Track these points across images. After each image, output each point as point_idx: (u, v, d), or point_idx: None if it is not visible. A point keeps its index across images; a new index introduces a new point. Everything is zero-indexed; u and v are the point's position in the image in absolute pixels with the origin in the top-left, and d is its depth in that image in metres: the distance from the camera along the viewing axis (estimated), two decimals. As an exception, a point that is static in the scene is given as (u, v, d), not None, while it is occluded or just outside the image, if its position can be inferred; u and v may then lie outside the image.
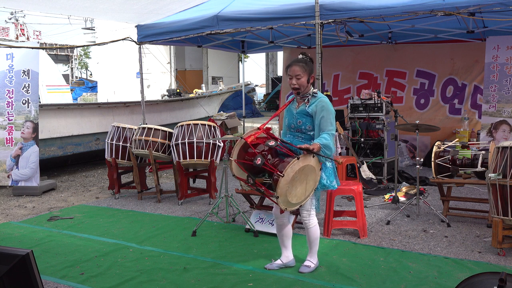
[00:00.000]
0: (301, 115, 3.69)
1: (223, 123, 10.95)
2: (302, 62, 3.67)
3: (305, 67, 3.65)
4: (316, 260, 3.86)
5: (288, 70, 3.69)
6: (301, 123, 3.69)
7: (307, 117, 3.67)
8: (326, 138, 3.52)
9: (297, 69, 3.64)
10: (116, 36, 9.04)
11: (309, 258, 3.85)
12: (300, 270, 3.79)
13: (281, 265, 3.89)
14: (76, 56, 39.90)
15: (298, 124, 3.70)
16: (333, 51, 9.51)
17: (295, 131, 3.74)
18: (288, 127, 3.80)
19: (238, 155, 3.53)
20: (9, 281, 1.86)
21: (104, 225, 5.36)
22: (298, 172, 3.39)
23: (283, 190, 3.35)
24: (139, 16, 7.55)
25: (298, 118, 3.71)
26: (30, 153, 7.12)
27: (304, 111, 3.68)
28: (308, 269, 3.79)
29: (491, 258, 4.01)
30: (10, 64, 7.21)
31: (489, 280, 2.04)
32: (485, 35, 7.76)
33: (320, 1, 5.97)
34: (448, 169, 5.06)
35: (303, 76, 3.64)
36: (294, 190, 3.43)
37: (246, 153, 3.54)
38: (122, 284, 3.66)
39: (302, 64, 3.66)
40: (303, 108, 3.69)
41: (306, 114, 3.67)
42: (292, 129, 3.76)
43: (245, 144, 3.52)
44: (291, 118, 3.77)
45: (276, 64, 28.84)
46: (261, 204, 5.15)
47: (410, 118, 8.13)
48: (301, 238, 4.65)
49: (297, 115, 3.72)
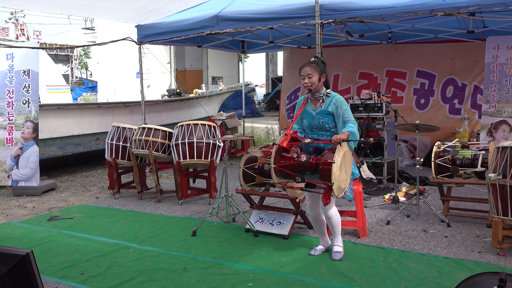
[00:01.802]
0: (322, 115, 3.96)
1: (223, 123, 10.94)
2: (312, 63, 4.00)
3: (315, 67, 3.94)
4: (341, 242, 4.14)
5: (300, 71, 3.98)
6: (324, 123, 3.96)
7: (328, 116, 3.95)
8: (351, 126, 3.83)
9: (308, 69, 3.94)
10: (116, 36, 9.05)
11: (337, 243, 4.11)
12: (334, 257, 4.04)
13: (323, 250, 4.22)
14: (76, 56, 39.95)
15: (321, 124, 3.97)
16: (333, 51, 9.51)
17: (319, 130, 4.00)
18: (310, 128, 4.03)
19: (275, 161, 3.75)
20: (9, 281, 1.86)
21: (104, 225, 5.36)
22: (342, 157, 3.68)
23: (336, 176, 3.59)
24: (139, 15, 7.55)
25: (320, 118, 3.97)
26: (30, 153, 7.12)
27: (324, 111, 3.95)
28: (340, 254, 4.06)
29: (491, 258, 4.01)
30: (10, 64, 7.22)
31: (489, 280, 2.04)
32: (485, 35, 7.76)
33: (320, 1, 5.97)
34: (448, 169, 5.06)
35: (314, 75, 3.92)
36: (342, 176, 3.72)
37: (282, 158, 3.79)
38: (122, 284, 3.66)
39: (312, 64, 3.97)
40: (323, 109, 3.96)
41: (326, 113, 3.95)
42: (315, 129, 4.01)
43: (279, 150, 3.78)
44: (311, 119, 4.01)
45: (276, 64, 28.83)
46: (261, 204, 5.15)
47: (410, 118, 8.13)
48: (301, 238, 4.66)
49: (318, 116, 3.97)
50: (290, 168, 3.74)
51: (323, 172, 3.64)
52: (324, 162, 3.63)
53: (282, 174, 3.79)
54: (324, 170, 3.62)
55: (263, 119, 18.53)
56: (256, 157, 4.90)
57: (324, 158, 3.67)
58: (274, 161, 3.74)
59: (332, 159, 3.58)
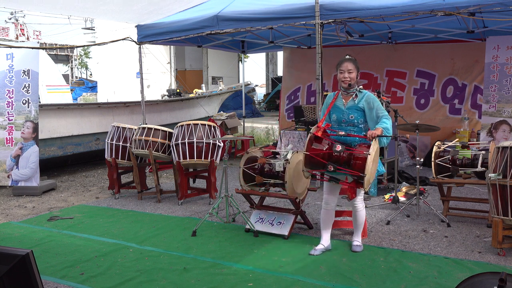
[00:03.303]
0: (353, 110, 4.05)
1: (223, 123, 10.94)
2: (353, 60, 4.08)
3: (356, 64, 4.07)
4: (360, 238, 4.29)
5: (341, 65, 4.07)
6: (354, 117, 4.04)
7: (358, 111, 4.03)
8: (385, 122, 3.92)
9: (350, 64, 4.04)
10: (116, 36, 9.04)
11: (357, 238, 4.26)
12: (354, 249, 4.19)
13: (323, 249, 4.22)
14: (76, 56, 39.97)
15: (351, 119, 4.05)
16: (333, 51, 9.49)
17: (347, 125, 4.07)
18: (338, 122, 4.11)
19: (308, 150, 3.86)
20: (9, 281, 1.86)
21: (104, 225, 5.36)
22: (376, 152, 3.80)
23: (369, 168, 3.69)
24: (139, 16, 7.55)
25: (349, 113, 4.05)
26: (30, 153, 7.12)
27: (355, 106, 4.04)
28: (360, 248, 4.21)
29: (491, 258, 4.01)
30: (10, 64, 7.22)
31: (489, 280, 2.04)
32: (485, 35, 7.75)
33: (320, 1, 5.97)
34: (448, 169, 5.06)
35: (354, 71, 4.04)
36: (372, 170, 3.82)
37: (314, 149, 3.88)
38: (122, 284, 3.66)
39: (353, 61, 4.08)
40: (353, 104, 4.05)
41: (357, 109, 4.03)
42: (344, 123, 4.09)
43: (312, 139, 3.88)
44: (340, 113, 4.10)
45: (276, 64, 28.84)
46: (261, 204, 5.15)
47: (410, 118, 8.13)
48: (301, 237, 4.66)
49: (348, 111, 4.06)
50: (323, 156, 3.83)
51: (357, 164, 3.76)
52: (359, 154, 3.76)
53: (311, 163, 3.87)
54: (359, 162, 3.74)
55: (263, 119, 18.54)
56: (256, 157, 4.90)
57: (360, 150, 3.79)
58: (307, 149, 3.84)
59: (368, 151, 3.71)
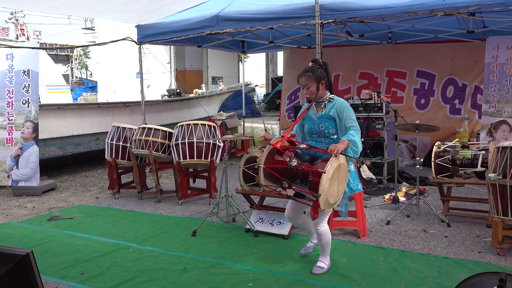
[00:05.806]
0: (323, 119, 3.76)
1: (223, 123, 10.94)
2: (308, 72, 3.76)
3: (311, 76, 3.73)
4: (329, 261, 3.84)
5: (298, 81, 3.84)
6: (324, 128, 3.75)
7: (329, 121, 3.74)
8: (353, 134, 3.57)
9: (303, 79, 3.77)
10: (116, 36, 9.05)
11: (322, 259, 3.82)
12: (313, 271, 3.76)
13: (314, 246, 4.16)
14: (76, 56, 39.96)
15: (321, 129, 3.76)
16: (333, 51, 9.51)
17: (318, 137, 3.80)
18: (309, 133, 3.85)
19: (266, 162, 3.49)
20: (9, 281, 1.86)
21: (104, 225, 5.36)
22: (336, 169, 3.39)
23: (325, 188, 3.31)
24: (139, 16, 7.55)
25: (320, 123, 3.76)
26: (30, 153, 7.12)
27: (326, 116, 3.75)
28: (321, 270, 3.77)
29: (491, 258, 4.01)
30: (10, 64, 7.21)
31: (489, 280, 2.04)
32: (485, 35, 7.76)
33: (320, 1, 5.97)
34: (448, 169, 5.06)
35: (311, 84, 3.73)
36: (331, 189, 3.41)
37: (274, 160, 3.53)
38: (122, 284, 3.66)
39: (308, 73, 3.75)
40: (324, 113, 3.76)
41: (328, 118, 3.74)
42: (314, 134, 3.81)
43: (273, 151, 3.52)
44: (311, 123, 3.82)
45: (276, 64, 28.85)
46: (261, 204, 5.15)
47: (411, 118, 8.14)
48: (301, 238, 4.66)
49: (318, 120, 3.77)
50: (279, 171, 3.47)
51: (311, 182, 3.37)
52: (314, 171, 3.37)
53: (271, 177, 3.52)
54: (313, 179, 3.35)
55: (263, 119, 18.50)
56: (256, 157, 4.90)
57: (316, 166, 3.40)
58: (265, 162, 3.47)
59: (323, 169, 3.30)
